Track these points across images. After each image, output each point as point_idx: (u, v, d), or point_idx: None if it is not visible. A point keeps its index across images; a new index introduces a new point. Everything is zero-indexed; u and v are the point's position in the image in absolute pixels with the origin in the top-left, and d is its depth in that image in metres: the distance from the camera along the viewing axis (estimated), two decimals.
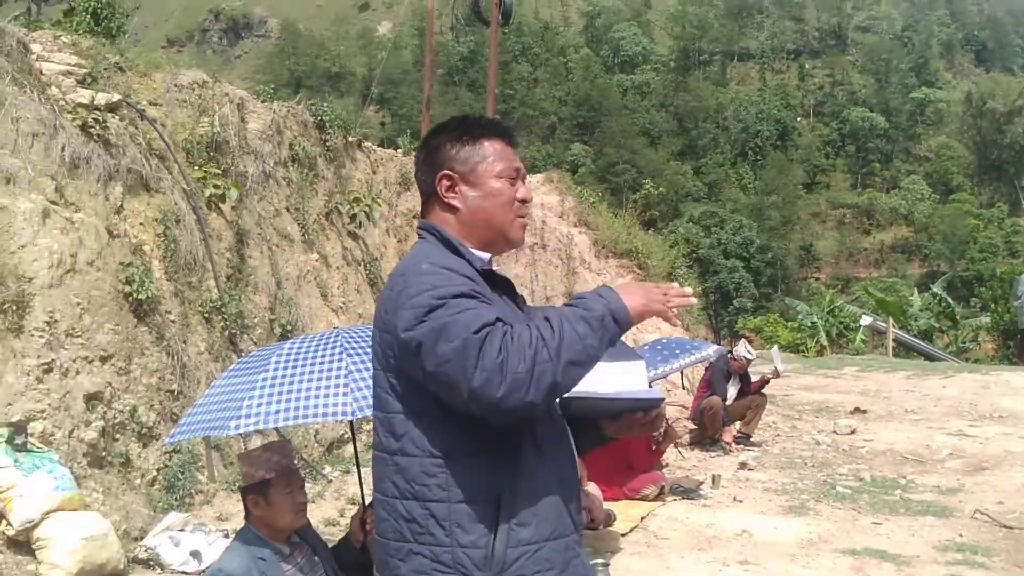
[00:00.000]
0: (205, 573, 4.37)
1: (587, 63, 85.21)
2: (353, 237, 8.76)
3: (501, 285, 1.84)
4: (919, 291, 31.55)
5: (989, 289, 26.27)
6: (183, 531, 4.88)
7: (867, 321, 23.43)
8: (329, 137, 8.57)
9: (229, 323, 6.42)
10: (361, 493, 3.53)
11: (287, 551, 2.84)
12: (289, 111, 8.19)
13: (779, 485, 7.10)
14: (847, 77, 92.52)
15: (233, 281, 6.72)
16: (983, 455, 7.96)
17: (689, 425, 8.79)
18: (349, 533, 3.12)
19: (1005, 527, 5.75)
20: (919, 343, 22.84)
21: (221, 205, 6.75)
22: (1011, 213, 73.91)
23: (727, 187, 75.47)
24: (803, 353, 23.04)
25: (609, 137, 74.05)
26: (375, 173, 9.47)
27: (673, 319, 1.73)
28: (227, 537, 4.73)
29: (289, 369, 2.95)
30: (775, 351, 9.63)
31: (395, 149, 10.68)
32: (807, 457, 8.20)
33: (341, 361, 2.97)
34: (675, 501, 6.48)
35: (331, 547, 3.08)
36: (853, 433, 9.13)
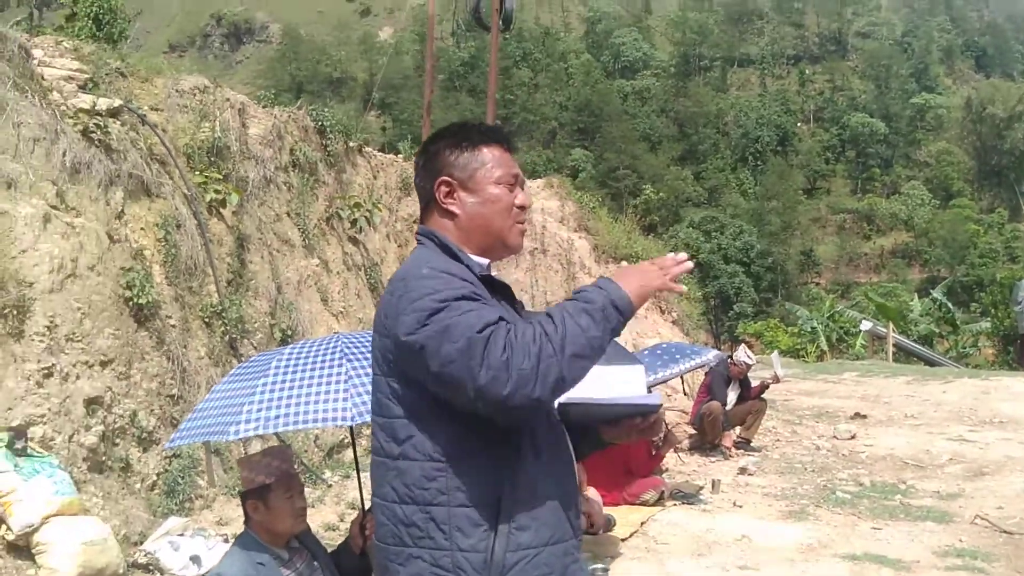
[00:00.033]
0: None
1: (588, 68, 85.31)
2: (353, 242, 8.76)
3: (500, 291, 1.85)
4: (919, 296, 31.52)
5: (989, 294, 26.26)
6: (183, 536, 4.87)
7: (867, 326, 23.40)
8: (330, 142, 8.58)
9: (229, 328, 6.43)
10: (361, 498, 3.53)
11: (286, 556, 2.84)
12: (290, 116, 8.20)
13: (779, 490, 7.10)
14: (847, 83, 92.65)
15: (234, 286, 6.72)
16: (983, 460, 7.95)
17: (689, 430, 8.79)
18: (349, 538, 3.12)
19: (1005, 532, 5.75)
20: (919, 348, 22.83)
21: (222, 210, 6.76)
22: (1011, 218, 74.06)
23: (727, 192, 75.58)
24: (803, 358, 23.02)
25: (609, 142, 74.15)
26: (376, 178, 9.48)
27: (676, 287, 1.73)
28: (227, 542, 4.73)
29: (289, 374, 2.96)
30: (775, 356, 9.64)
31: (396, 154, 10.70)
32: (807, 462, 8.19)
33: (341, 366, 2.97)
34: (675, 506, 6.49)
35: (331, 552, 3.08)
36: (853, 438, 9.13)
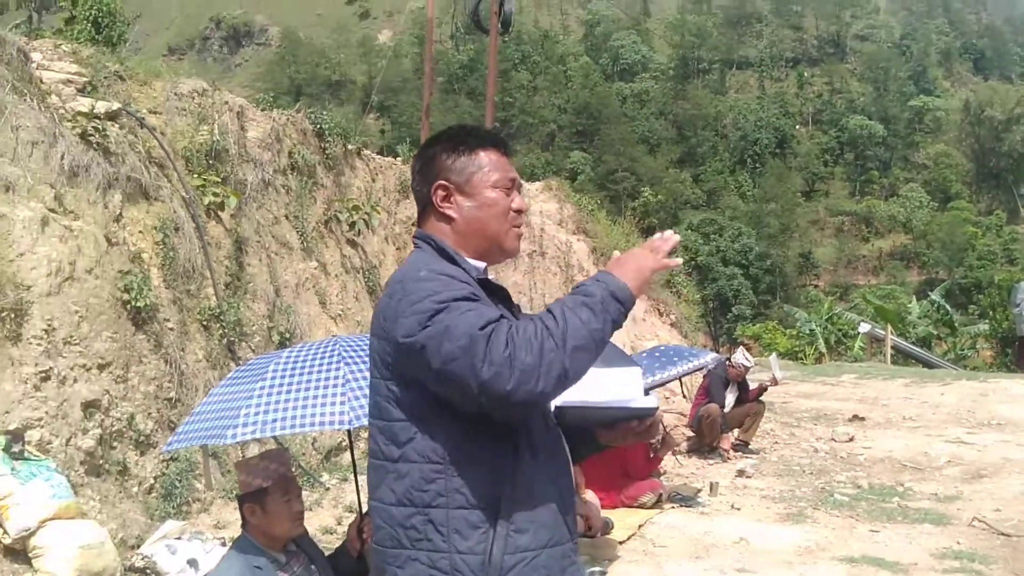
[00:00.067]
0: None
1: (586, 71, 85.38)
2: (352, 245, 8.76)
3: (497, 294, 1.85)
4: (917, 298, 31.54)
5: (987, 296, 26.33)
6: (180, 539, 4.87)
7: (865, 328, 23.43)
8: (328, 145, 8.59)
9: (227, 331, 6.43)
10: (359, 501, 3.54)
11: (284, 560, 2.84)
12: (288, 119, 8.21)
13: (777, 493, 7.10)
14: (845, 85, 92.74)
15: (232, 289, 6.72)
16: (981, 463, 7.96)
17: (687, 432, 8.79)
18: (346, 541, 3.12)
19: (1003, 535, 5.75)
20: (917, 350, 22.86)
21: (220, 213, 6.76)
22: (1009, 221, 74.15)
23: (726, 195, 75.61)
24: (801, 360, 23.02)
25: (608, 145, 74.17)
26: (374, 181, 9.49)
27: (671, 262, 1.77)
28: (224, 545, 4.72)
29: (287, 378, 2.96)
30: (773, 358, 9.64)
31: (394, 157, 10.70)
32: (805, 464, 8.20)
33: (339, 370, 2.97)
34: (673, 509, 6.49)
35: (328, 556, 3.08)
36: (851, 440, 9.14)
